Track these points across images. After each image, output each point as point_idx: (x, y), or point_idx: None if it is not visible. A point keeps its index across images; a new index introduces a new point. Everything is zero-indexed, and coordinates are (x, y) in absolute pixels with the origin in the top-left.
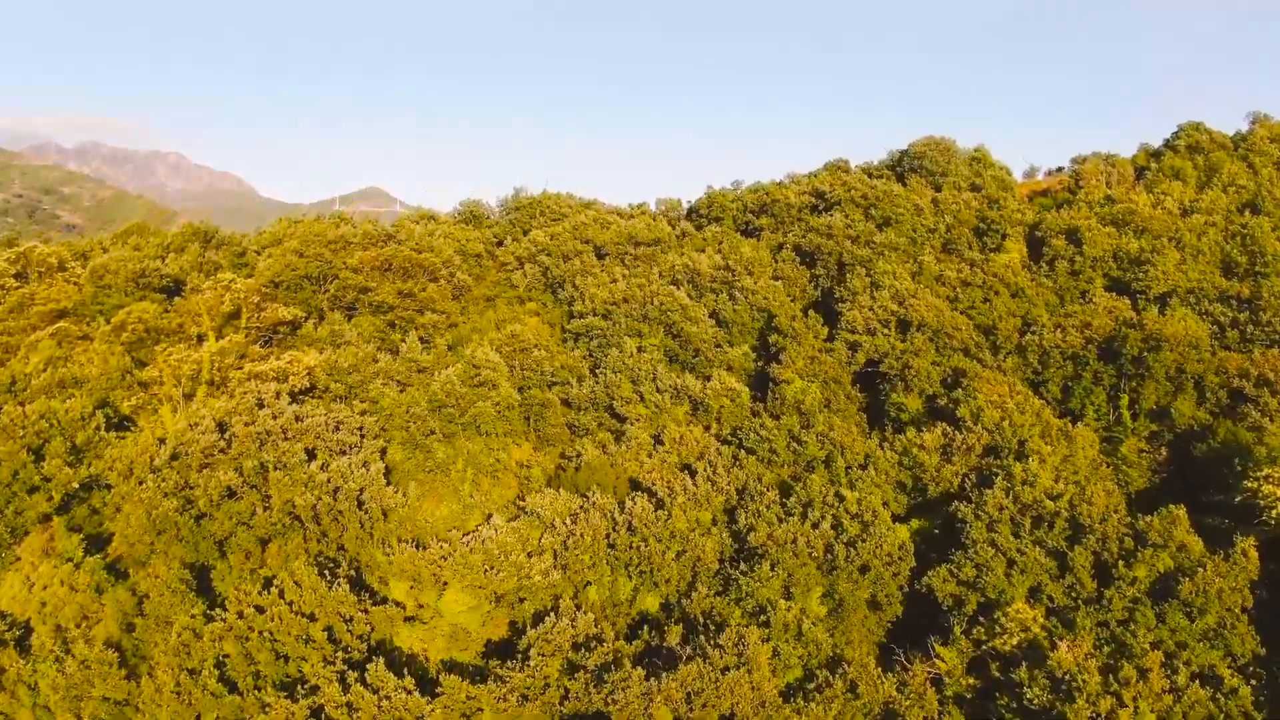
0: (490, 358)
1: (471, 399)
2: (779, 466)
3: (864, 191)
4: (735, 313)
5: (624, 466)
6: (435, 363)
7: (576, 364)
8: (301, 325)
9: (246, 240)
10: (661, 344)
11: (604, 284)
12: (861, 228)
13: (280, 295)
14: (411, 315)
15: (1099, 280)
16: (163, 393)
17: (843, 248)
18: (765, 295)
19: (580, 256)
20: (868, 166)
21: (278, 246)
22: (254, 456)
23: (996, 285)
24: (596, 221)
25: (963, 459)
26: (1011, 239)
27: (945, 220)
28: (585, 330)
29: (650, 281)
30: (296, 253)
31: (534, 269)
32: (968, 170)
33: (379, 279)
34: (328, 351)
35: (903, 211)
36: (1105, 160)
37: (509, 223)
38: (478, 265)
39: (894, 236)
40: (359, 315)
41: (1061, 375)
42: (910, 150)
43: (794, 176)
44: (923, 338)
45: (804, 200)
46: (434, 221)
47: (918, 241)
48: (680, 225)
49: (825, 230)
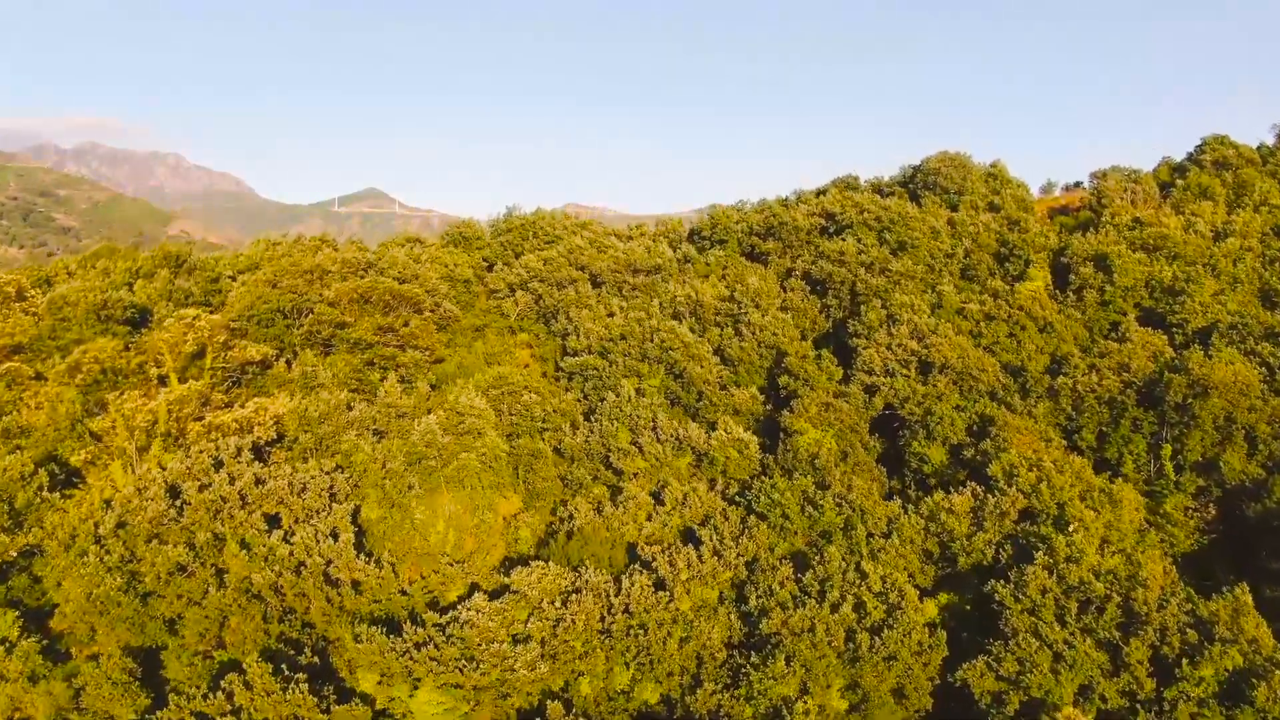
0: (475, 404)
1: (454, 450)
2: (793, 535)
3: (877, 214)
4: (742, 350)
5: (621, 531)
6: (416, 407)
7: (570, 408)
8: (273, 364)
9: (221, 265)
10: (662, 385)
11: (600, 317)
12: (875, 253)
13: (251, 330)
14: (393, 352)
15: (1131, 311)
16: (115, 445)
17: (856, 276)
18: (774, 331)
19: (575, 285)
20: (878, 182)
21: (252, 274)
22: (207, 527)
23: (1023, 319)
24: (592, 245)
25: (995, 525)
26: (1035, 265)
27: (963, 244)
28: (580, 369)
29: (650, 315)
30: (269, 283)
31: (526, 297)
32: (984, 188)
33: (358, 312)
34: (298, 398)
35: (918, 235)
36: (1128, 176)
37: (500, 245)
38: (467, 291)
39: (910, 264)
40: (335, 353)
41: (1097, 422)
42: (924, 166)
43: (801, 194)
44: (945, 380)
45: (813, 222)
46: (420, 245)
47: (935, 268)
48: (682, 248)
49: (837, 256)
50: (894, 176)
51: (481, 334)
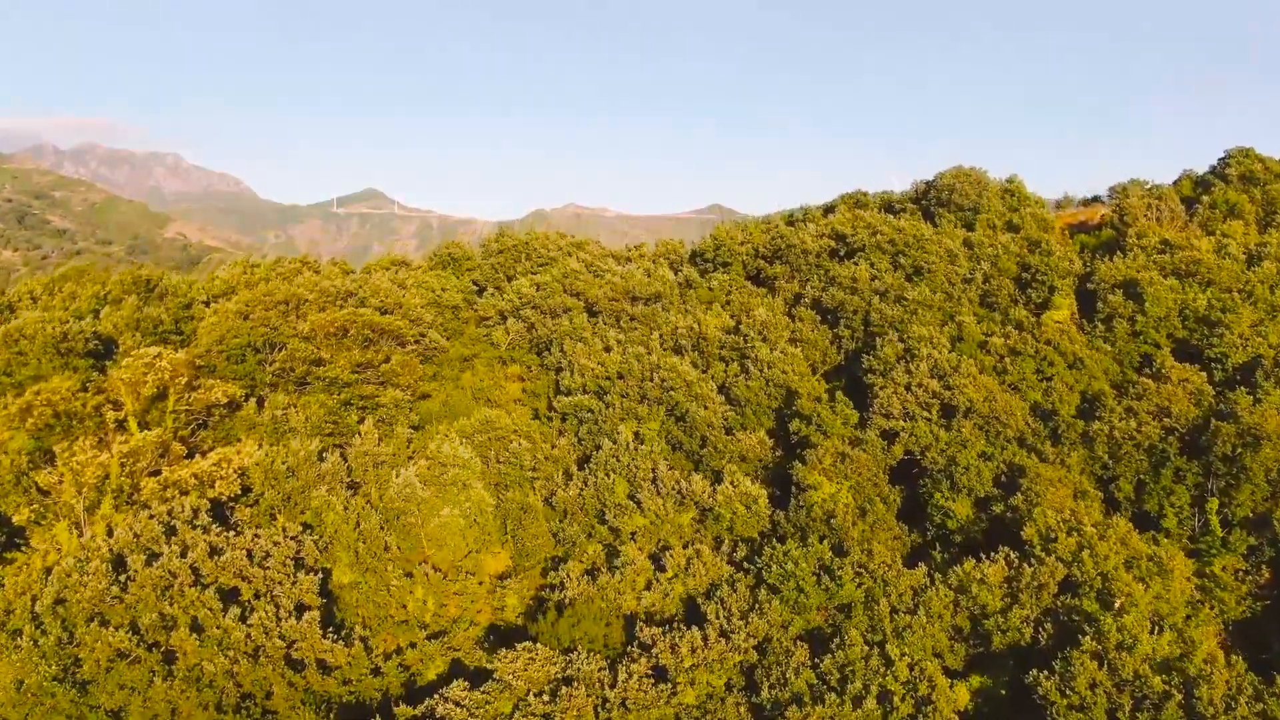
0: (459, 453)
1: (436, 505)
2: (808, 610)
3: (890, 236)
4: (748, 389)
5: (618, 602)
6: (395, 454)
7: (563, 455)
8: (242, 405)
9: (194, 290)
10: (663, 429)
11: (596, 352)
12: (890, 279)
13: (220, 366)
14: (373, 390)
15: (1164, 343)
16: (63, 501)
17: (869, 304)
18: (783, 368)
19: (570, 315)
20: (888, 196)
21: (225, 302)
22: (154, 608)
23: (1051, 355)
24: (589, 269)
25: (1033, 599)
26: (1060, 292)
27: (982, 268)
28: (574, 410)
29: (649, 349)
30: (240, 314)
31: (518, 325)
32: (1001, 205)
33: (335, 347)
34: (265, 447)
35: (934, 259)
36: (1150, 192)
37: (491, 268)
38: (455, 318)
39: (927, 291)
40: (310, 392)
41: (1135, 471)
42: (937, 182)
43: (808, 211)
44: (970, 425)
45: (822, 244)
46: (405, 268)
47: (954, 296)
48: (683, 271)
49: (849, 283)
50: (905, 192)
51: (470, 364)
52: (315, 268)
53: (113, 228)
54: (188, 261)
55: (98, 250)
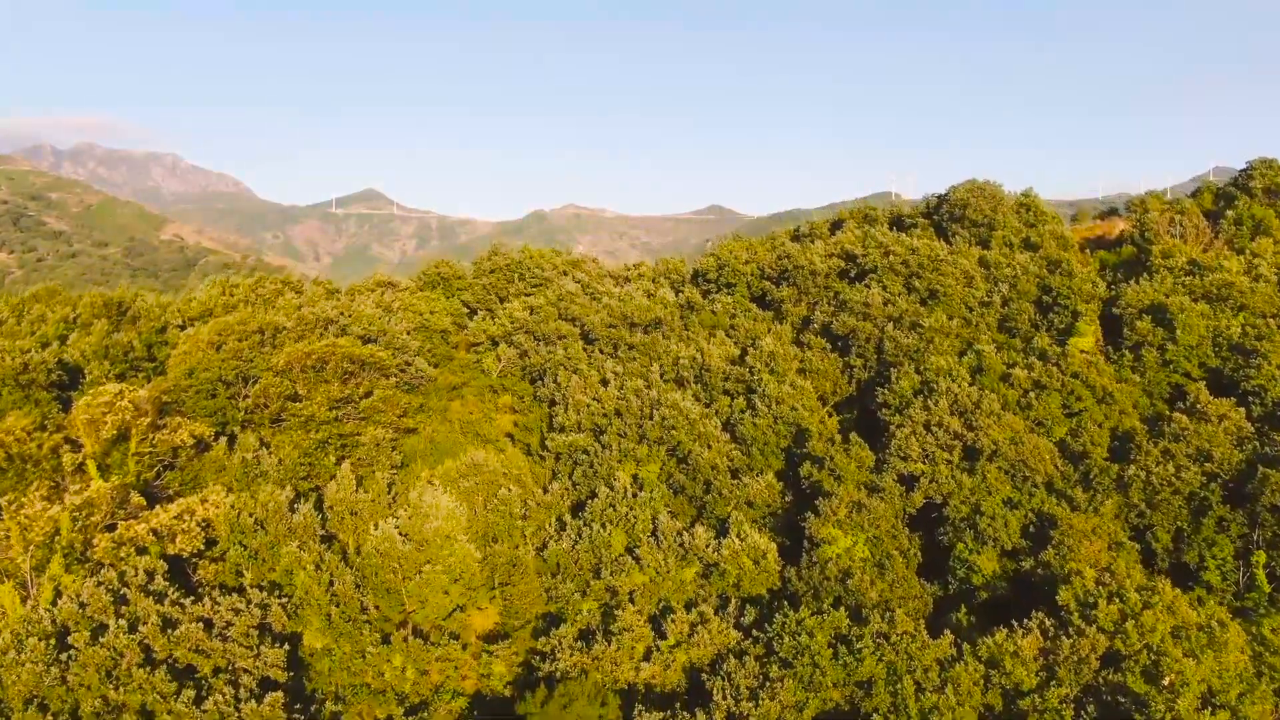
0: (442, 503)
1: (418, 560)
2: (824, 689)
3: (904, 256)
4: (755, 427)
5: (614, 674)
6: (374, 502)
7: (556, 501)
8: (211, 446)
9: (169, 313)
10: (663, 471)
11: (592, 385)
12: (904, 304)
13: (189, 402)
14: (352, 429)
15: (1196, 372)
16: (9, 557)
17: (883, 331)
18: (793, 404)
19: (564, 343)
20: (897, 208)
21: (202, 326)
22: (98, 691)
23: (1078, 389)
24: (585, 291)
25: (1072, 675)
26: (1085, 318)
27: (1000, 290)
28: (568, 450)
29: (649, 383)
30: (212, 344)
31: (510, 352)
32: (1017, 221)
33: (312, 381)
34: (233, 496)
35: (950, 282)
36: (1171, 205)
37: (482, 288)
38: (443, 343)
39: (943, 317)
40: (284, 430)
41: (1173, 519)
42: (951, 197)
43: (814, 225)
44: (996, 469)
45: (831, 265)
46: (392, 289)
47: (972, 321)
48: (685, 292)
49: (861, 309)
50: (916, 206)
51: (459, 393)
52: (298, 287)
53: (109, 229)
54: (184, 264)
55: (94, 253)
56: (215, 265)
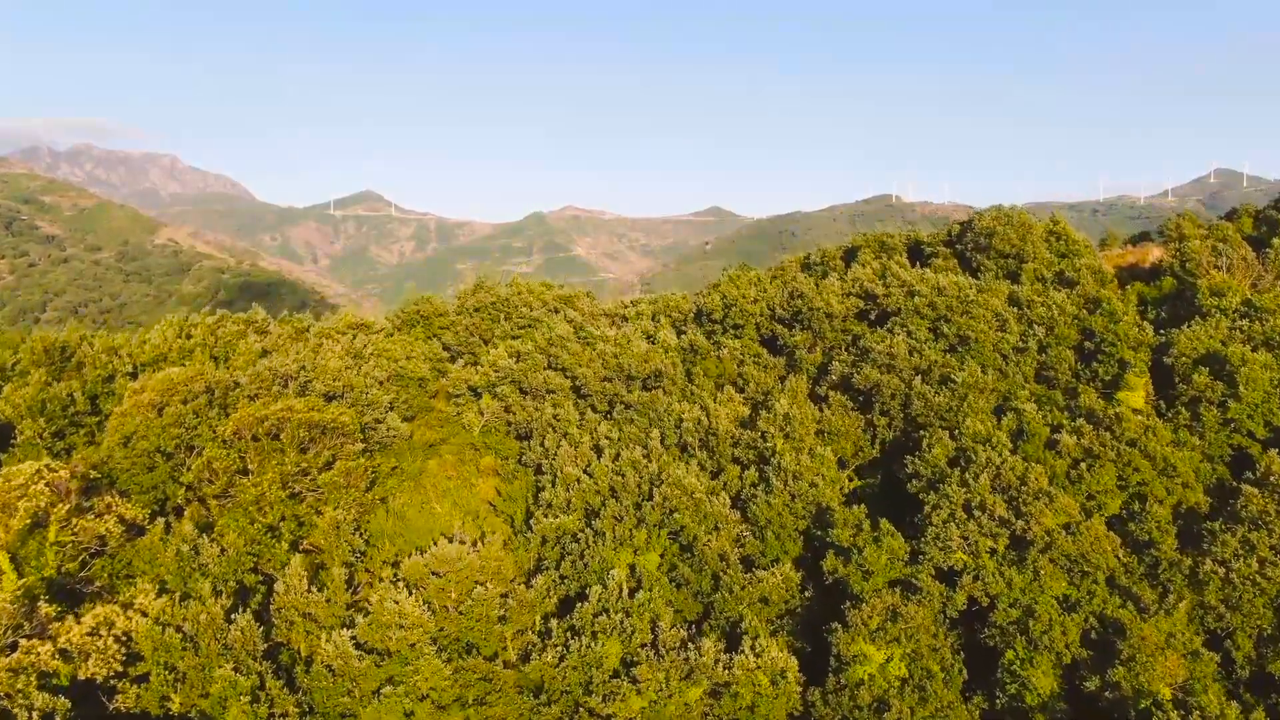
0: (406, 610)
1: (377, 679)
2: None
3: (929, 297)
4: (770, 507)
5: None
6: (330, 602)
7: (540, 599)
8: (146, 529)
9: (118, 360)
10: (665, 560)
11: (584, 453)
12: (932, 353)
13: (123, 474)
14: (308, 511)
15: (1261, 432)
16: None
17: (910, 386)
18: (812, 478)
19: (553, 398)
20: (914, 235)
21: (148, 380)
22: None
23: (1135, 458)
24: (578, 334)
25: None
26: (1134, 369)
27: (1036, 334)
28: (556, 535)
29: (649, 452)
30: (155, 406)
31: (494, 405)
32: (1048, 252)
33: (265, 452)
34: (164, 599)
35: (982, 327)
36: (1211, 232)
37: (465, 329)
38: (420, 391)
39: (976, 369)
40: (230, 511)
41: (1256, 626)
42: (976, 226)
43: (825, 255)
44: (1049, 563)
45: (849, 306)
46: (366, 331)
47: (1008, 372)
48: (688, 333)
49: (885, 360)
50: (934, 234)
51: (436, 452)
52: (262, 327)
53: (103, 233)
54: (178, 269)
55: (86, 257)
56: (209, 270)
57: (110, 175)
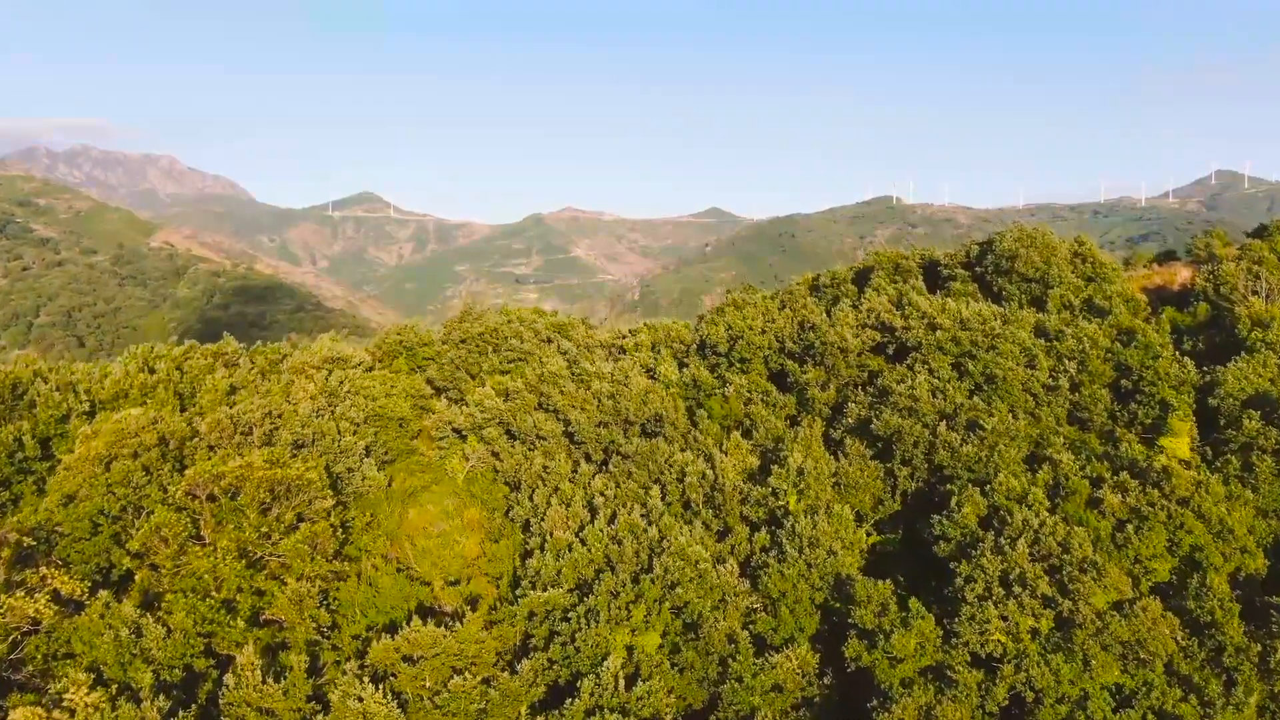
0: (372, 710)
1: None
2: None
3: (952, 331)
4: (784, 578)
5: None
6: (289, 695)
7: (525, 690)
8: (87, 605)
9: (74, 399)
10: (667, 640)
11: (576, 514)
12: (956, 394)
13: (62, 543)
14: (268, 584)
15: None
16: None
17: (935, 433)
18: (831, 545)
19: (544, 445)
20: (928, 254)
21: (101, 426)
22: None
23: (1188, 520)
24: (572, 370)
25: None
26: (1176, 411)
27: (1067, 370)
28: (544, 611)
29: (649, 512)
30: (102, 460)
31: (480, 449)
32: (1075, 276)
33: (222, 514)
34: (98, 692)
35: (1010, 364)
36: (1244, 253)
37: (451, 363)
38: (401, 432)
39: (1006, 414)
40: (181, 580)
41: None
42: (997, 248)
43: (835, 277)
44: (1102, 650)
45: (864, 339)
46: (343, 367)
47: (1040, 415)
48: (691, 367)
49: (907, 403)
50: (951, 254)
51: (416, 499)
52: (233, 359)
53: (98, 236)
54: (173, 272)
55: (81, 261)
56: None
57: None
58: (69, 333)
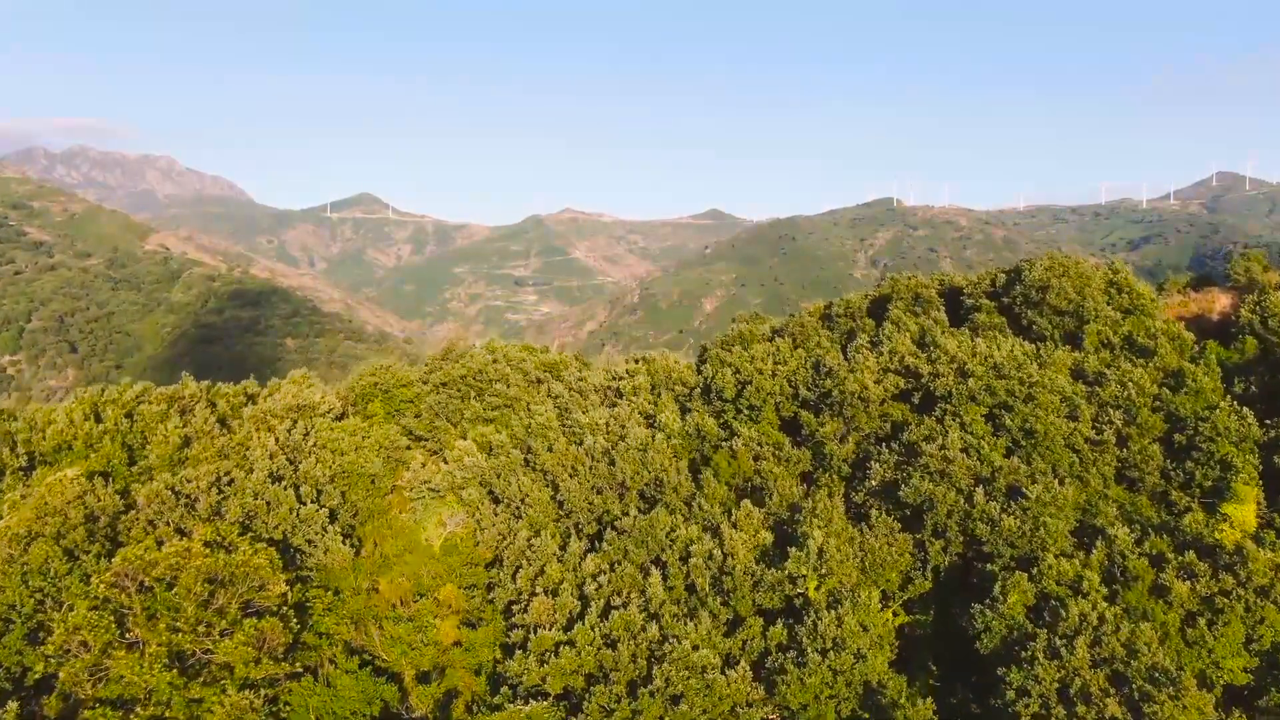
0: None
1: None
2: None
3: (985, 379)
4: (805, 689)
5: None
6: None
7: None
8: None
9: (11, 452)
10: None
11: (565, 604)
12: (993, 454)
13: None
14: (209, 693)
15: None
16: None
17: (971, 501)
18: (857, 643)
19: (530, 513)
20: (949, 280)
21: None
22: None
23: (1269, 614)
24: (562, 419)
25: None
26: (1240, 473)
27: (1113, 420)
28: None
29: (649, 602)
30: (22, 540)
31: (459, 512)
32: (1111, 309)
33: (152, 609)
34: None
35: (1052, 418)
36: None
37: (430, 409)
38: (372, 490)
39: (1053, 481)
40: (104, 689)
41: None
42: (1027, 277)
43: (849, 305)
44: None
45: (887, 387)
46: (309, 415)
47: (1088, 478)
48: (694, 413)
49: (938, 465)
50: (974, 282)
51: (387, 568)
52: (190, 403)
53: (93, 239)
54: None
55: (74, 264)
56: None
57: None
58: (61, 338)
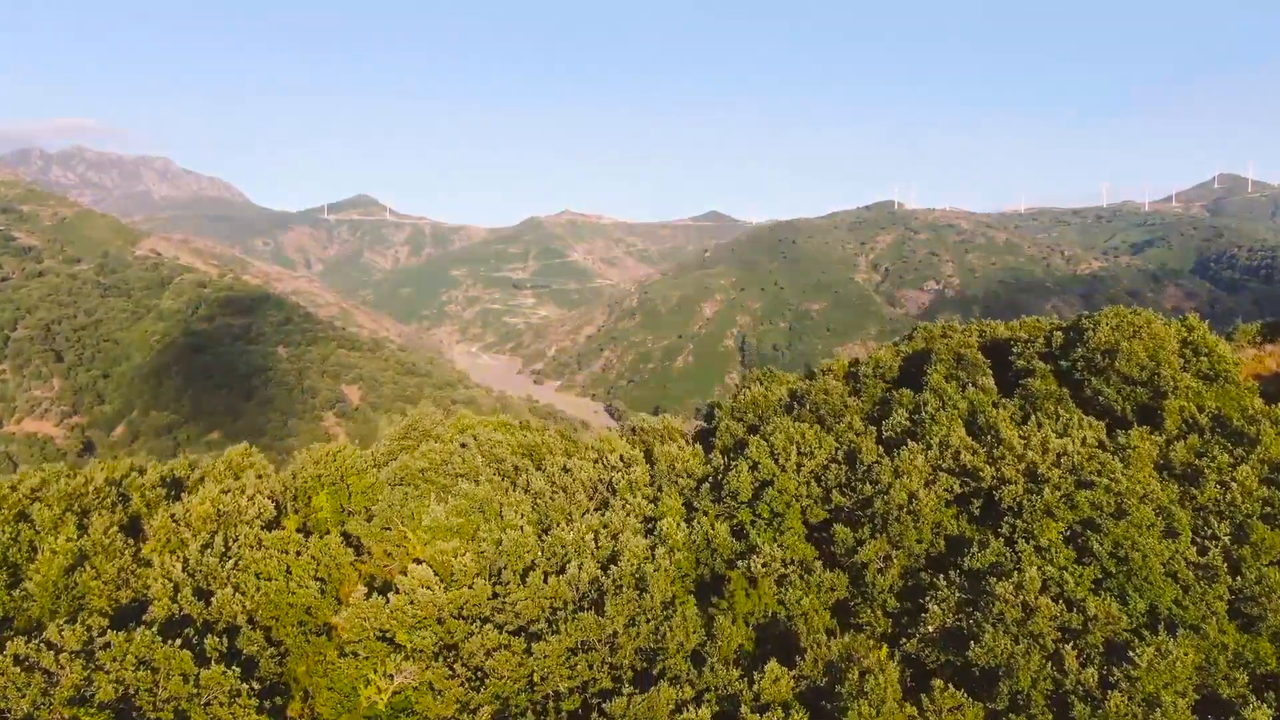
0: None
1: None
2: None
3: (1065, 489)
4: None
5: None
6: None
7: None
8: None
9: None
10: None
11: None
12: (1079, 587)
13: None
14: None
15: None
16: None
17: (1061, 668)
18: None
19: (496, 687)
20: (991, 331)
21: None
22: None
23: None
24: (540, 533)
25: None
26: None
27: (1220, 535)
28: None
29: None
30: None
31: (408, 670)
32: (1191, 378)
33: None
34: None
35: (1149, 541)
36: None
37: (385, 512)
38: (302, 627)
39: (1166, 640)
40: None
41: None
42: (1091, 340)
43: (879, 364)
44: None
45: (940, 494)
46: (234, 523)
47: (1207, 629)
48: (702, 519)
49: (1015, 614)
50: (1021, 336)
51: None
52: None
53: (83, 244)
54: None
55: (63, 270)
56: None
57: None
58: (47, 347)
